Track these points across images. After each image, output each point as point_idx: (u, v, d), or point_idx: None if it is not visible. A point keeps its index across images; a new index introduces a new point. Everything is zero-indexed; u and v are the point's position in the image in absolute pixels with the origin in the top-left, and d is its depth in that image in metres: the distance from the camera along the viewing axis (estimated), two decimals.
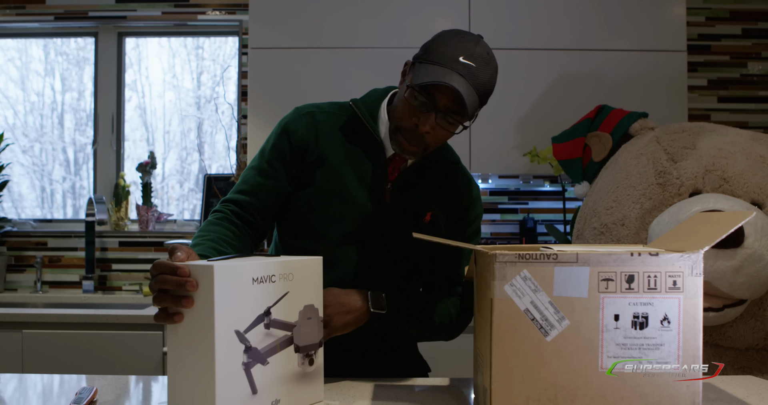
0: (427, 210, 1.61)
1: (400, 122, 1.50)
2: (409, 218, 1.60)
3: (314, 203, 1.57)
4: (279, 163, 1.58)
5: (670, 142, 1.98)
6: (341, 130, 1.60)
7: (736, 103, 3.63)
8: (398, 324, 1.51)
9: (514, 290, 1.07)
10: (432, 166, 1.63)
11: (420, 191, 1.61)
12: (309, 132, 1.58)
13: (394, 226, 1.59)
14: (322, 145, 1.57)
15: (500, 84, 3.14)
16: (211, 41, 3.89)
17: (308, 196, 1.58)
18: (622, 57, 3.14)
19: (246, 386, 1.15)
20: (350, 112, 1.62)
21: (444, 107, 1.44)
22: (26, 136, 3.89)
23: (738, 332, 1.79)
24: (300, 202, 1.59)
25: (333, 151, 1.57)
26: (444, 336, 1.62)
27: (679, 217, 1.72)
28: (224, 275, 1.11)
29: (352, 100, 1.63)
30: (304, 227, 1.59)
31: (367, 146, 1.59)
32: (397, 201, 1.59)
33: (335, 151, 1.57)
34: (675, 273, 1.07)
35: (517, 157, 3.14)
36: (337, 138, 1.59)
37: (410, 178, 1.61)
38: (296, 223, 1.61)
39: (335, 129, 1.60)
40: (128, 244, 3.64)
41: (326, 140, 1.58)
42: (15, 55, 3.90)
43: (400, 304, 1.51)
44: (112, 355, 2.79)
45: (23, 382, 1.47)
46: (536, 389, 1.08)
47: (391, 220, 1.59)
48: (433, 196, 1.63)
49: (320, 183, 1.56)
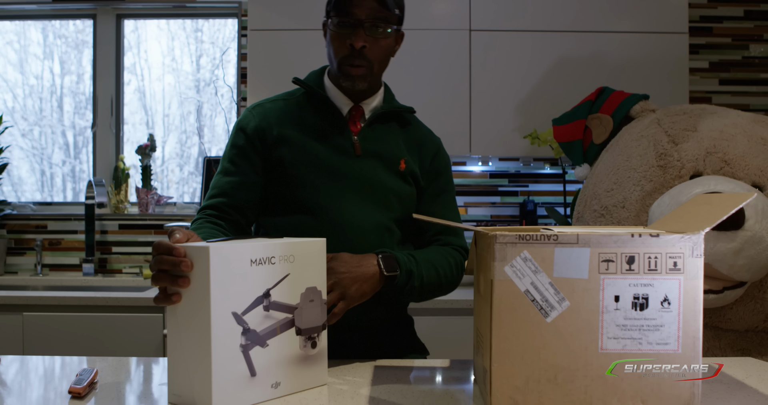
0: (399, 157, 1.66)
1: (337, 55, 1.59)
2: (384, 167, 1.64)
3: (290, 179, 1.60)
4: (240, 159, 1.63)
5: (671, 125, 1.98)
6: (295, 108, 1.67)
7: (737, 85, 3.62)
8: (409, 285, 1.51)
9: (515, 271, 1.07)
10: (391, 114, 1.71)
11: (387, 140, 1.67)
12: (261, 120, 1.64)
13: (373, 177, 1.62)
14: (277, 126, 1.63)
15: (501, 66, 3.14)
16: (210, 24, 3.87)
17: (282, 175, 1.61)
18: (623, 39, 3.13)
19: (244, 368, 1.15)
20: (298, 92, 1.71)
21: (366, 17, 1.54)
22: (25, 119, 3.88)
23: (737, 314, 1.79)
24: (276, 183, 1.62)
25: (291, 127, 1.63)
26: (447, 289, 1.64)
27: (680, 200, 1.72)
28: (221, 256, 1.11)
29: (294, 78, 1.70)
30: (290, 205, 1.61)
31: (324, 112, 1.66)
32: (369, 152, 1.64)
33: (293, 126, 1.63)
34: (675, 254, 1.07)
35: (518, 139, 3.13)
36: (292, 116, 1.65)
37: (374, 129, 1.67)
38: (280, 204, 1.63)
39: (288, 110, 1.67)
40: (128, 227, 3.64)
41: (281, 121, 1.64)
42: (13, 38, 3.88)
43: (409, 263, 1.52)
44: (113, 338, 2.80)
45: (24, 364, 1.48)
46: (536, 370, 1.08)
47: (368, 171, 1.62)
48: (399, 144, 1.69)
49: (288, 158, 1.60)
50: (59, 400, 1.20)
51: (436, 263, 1.59)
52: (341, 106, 1.66)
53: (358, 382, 1.32)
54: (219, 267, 1.11)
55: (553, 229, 1.17)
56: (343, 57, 1.57)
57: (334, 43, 1.58)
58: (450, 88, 3.13)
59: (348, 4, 1.53)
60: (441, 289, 1.62)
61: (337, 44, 1.58)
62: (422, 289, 1.55)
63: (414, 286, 1.52)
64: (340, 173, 1.60)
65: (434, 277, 1.57)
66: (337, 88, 1.66)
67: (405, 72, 3.07)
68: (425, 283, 1.55)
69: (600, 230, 1.16)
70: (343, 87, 1.64)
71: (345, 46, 1.56)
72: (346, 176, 1.60)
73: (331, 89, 1.67)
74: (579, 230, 1.15)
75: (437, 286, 1.60)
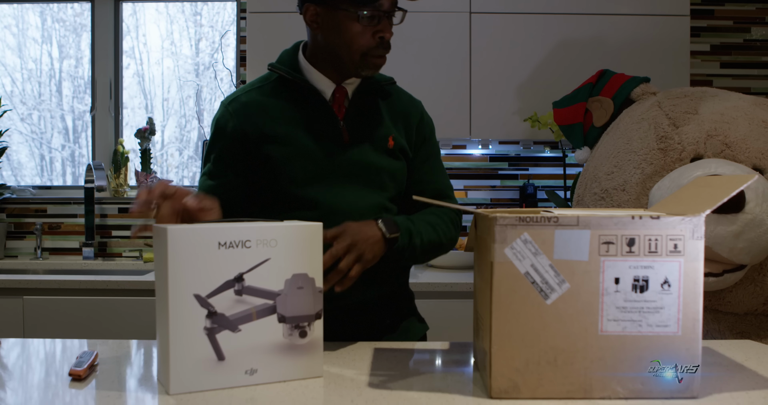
0: (387, 134, 1.65)
1: (363, 47, 1.54)
2: (374, 148, 1.63)
3: (280, 175, 1.58)
4: (220, 162, 1.62)
5: (671, 107, 1.97)
6: (273, 97, 1.63)
7: (738, 68, 3.61)
8: (410, 245, 1.52)
9: (515, 253, 1.07)
10: (372, 90, 1.68)
11: (373, 119, 1.65)
12: (238, 119, 1.60)
13: (364, 161, 1.61)
14: (259, 124, 1.59)
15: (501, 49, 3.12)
16: (209, 7, 3.85)
17: (272, 172, 1.59)
18: (624, 21, 3.11)
19: (210, 351, 1.15)
20: (274, 76, 1.66)
21: (388, 9, 1.53)
22: (24, 103, 3.87)
23: (737, 297, 1.79)
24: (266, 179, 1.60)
25: (273, 122, 1.59)
26: (447, 247, 1.65)
27: (680, 182, 1.72)
28: (180, 239, 1.11)
29: (269, 64, 1.67)
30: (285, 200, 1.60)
31: (305, 98, 1.62)
32: (356, 136, 1.62)
33: (276, 121, 1.59)
34: (676, 236, 1.07)
35: (518, 122, 3.12)
36: (272, 109, 1.61)
37: (359, 110, 1.65)
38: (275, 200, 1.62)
39: (267, 100, 1.62)
40: (128, 211, 3.64)
41: (262, 118, 1.60)
42: (11, 22, 3.87)
43: (407, 224, 1.53)
44: (113, 321, 2.80)
45: (25, 347, 1.48)
46: (536, 352, 1.08)
47: (358, 156, 1.61)
48: (384, 119, 1.67)
49: (276, 155, 1.58)
50: (60, 382, 1.21)
51: (434, 223, 1.60)
52: (324, 89, 1.62)
53: (356, 365, 1.32)
54: (178, 249, 1.11)
55: (553, 212, 1.17)
56: (370, 48, 1.54)
57: (358, 33, 1.53)
58: (450, 70, 3.12)
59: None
60: (441, 248, 1.63)
61: (362, 35, 1.53)
62: (423, 248, 1.56)
63: (415, 246, 1.53)
64: (330, 162, 1.59)
65: (433, 235, 1.58)
66: (319, 71, 1.62)
67: (405, 55, 3.05)
68: (425, 241, 1.55)
69: (600, 212, 1.16)
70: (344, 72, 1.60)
71: (371, 38, 1.53)
72: (337, 164, 1.59)
73: (311, 72, 1.62)
74: (579, 212, 1.14)
75: (437, 245, 1.61)
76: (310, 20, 1.59)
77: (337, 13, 1.52)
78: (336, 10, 1.53)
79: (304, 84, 1.61)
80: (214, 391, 1.15)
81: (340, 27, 1.54)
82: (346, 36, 1.54)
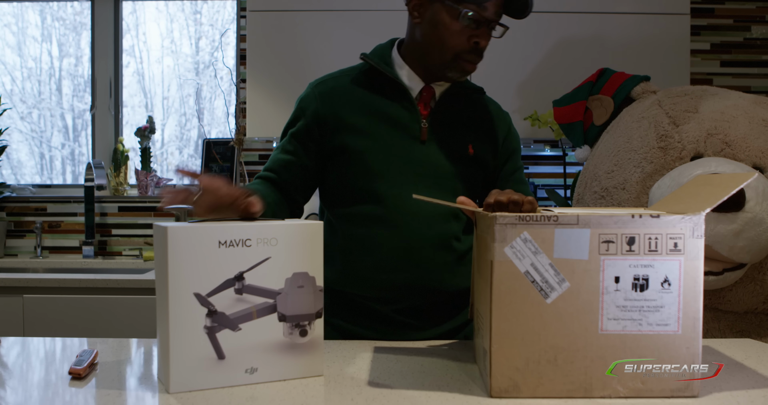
0: (467, 142, 1.64)
1: (457, 47, 1.54)
2: (451, 153, 1.62)
3: (353, 166, 1.58)
4: (296, 140, 1.62)
5: (672, 106, 1.97)
6: (360, 86, 1.63)
7: (739, 67, 3.60)
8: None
9: (515, 252, 1.07)
10: (460, 97, 1.68)
11: (455, 124, 1.65)
12: (323, 103, 1.60)
13: (438, 163, 1.60)
14: (341, 112, 1.59)
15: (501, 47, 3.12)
16: (209, 5, 3.85)
17: (345, 162, 1.59)
18: (625, 20, 3.11)
19: (210, 350, 1.15)
20: (364, 67, 1.65)
21: (491, 17, 1.53)
22: (24, 102, 3.87)
23: (737, 296, 1.79)
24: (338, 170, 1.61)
25: (356, 112, 1.60)
26: None
27: (681, 181, 1.72)
28: (181, 237, 1.11)
29: (361, 54, 1.65)
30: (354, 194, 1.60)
31: (391, 93, 1.62)
32: (435, 138, 1.61)
33: (359, 111, 1.60)
34: (676, 235, 1.07)
35: (518, 121, 3.12)
36: (358, 96, 1.61)
37: (443, 113, 1.64)
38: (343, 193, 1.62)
39: (353, 88, 1.63)
40: (128, 209, 3.64)
41: (345, 106, 1.60)
42: (11, 20, 3.86)
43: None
44: (113, 319, 2.80)
45: (25, 345, 1.48)
46: (536, 351, 1.08)
47: (434, 158, 1.61)
48: (469, 128, 1.66)
49: (352, 146, 1.58)
50: (60, 381, 1.21)
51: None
52: (412, 87, 1.62)
53: (357, 364, 1.32)
54: (179, 248, 1.11)
55: (553, 210, 1.17)
56: (464, 51, 1.55)
57: (455, 32, 1.53)
58: None
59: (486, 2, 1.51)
60: None
61: (458, 35, 1.53)
62: None
63: None
64: (406, 160, 1.58)
65: None
66: (412, 68, 1.63)
67: None
68: None
69: (600, 211, 1.16)
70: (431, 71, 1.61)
71: (467, 42, 1.54)
72: (412, 163, 1.58)
73: (402, 67, 1.63)
74: (579, 211, 1.14)
75: None
76: (412, 8, 1.59)
77: (441, 6, 1.52)
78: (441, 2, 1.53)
79: (392, 78, 1.61)
80: (215, 390, 1.15)
81: (439, 21, 1.53)
82: (443, 32, 1.54)
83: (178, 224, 1.13)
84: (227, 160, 3.63)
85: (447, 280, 1.62)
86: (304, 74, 3.02)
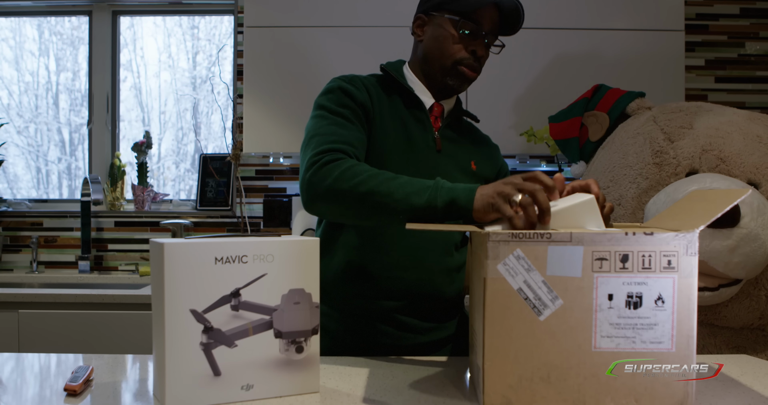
0: (470, 158, 1.72)
1: (456, 55, 1.63)
2: (459, 166, 1.69)
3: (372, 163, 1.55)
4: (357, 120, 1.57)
5: (667, 122, 1.98)
6: (383, 90, 1.69)
7: (733, 83, 3.62)
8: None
9: (508, 269, 1.07)
10: (461, 117, 1.80)
11: (461, 140, 1.74)
12: (362, 92, 1.63)
13: (448, 174, 1.62)
14: (375, 104, 1.63)
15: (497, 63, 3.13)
16: (206, 20, 3.87)
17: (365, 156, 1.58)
18: (620, 36, 3.12)
19: (206, 367, 1.14)
20: (382, 76, 1.73)
21: (489, 30, 1.63)
22: (21, 116, 3.88)
23: (733, 312, 1.79)
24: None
25: (383, 109, 1.64)
26: None
27: (676, 197, 1.72)
28: (177, 254, 1.11)
29: (382, 64, 1.74)
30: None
31: (408, 103, 1.69)
32: (447, 149, 1.69)
33: (385, 109, 1.65)
34: (670, 252, 1.07)
35: (514, 136, 3.13)
36: (382, 98, 1.66)
37: (451, 127, 1.74)
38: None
39: (379, 90, 1.68)
40: (124, 224, 3.64)
41: (376, 100, 1.64)
42: (9, 34, 3.87)
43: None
44: (109, 335, 2.79)
45: (20, 361, 1.48)
46: (529, 368, 1.08)
47: (445, 167, 1.66)
48: (471, 147, 1.76)
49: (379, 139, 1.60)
50: (55, 397, 1.20)
51: None
52: (425, 100, 1.70)
53: (352, 381, 1.31)
54: (175, 264, 1.11)
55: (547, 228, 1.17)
56: (463, 58, 1.63)
57: (453, 44, 1.63)
58: None
59: (479, 14, 1.61)
60: None
61: (455, 46, 1.63)
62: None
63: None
64: (420, 166, 1.62)
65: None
66: (422, 83, 1.71)
67: None
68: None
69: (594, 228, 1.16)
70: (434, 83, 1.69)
71: (465, 50, 1.63)
72: (425, 170, 1.60)
73: (415, 83, 1.72)
74: (572, 228, 1.14)
75: None
76: (416, 27, 1.72)
77: (441, 20, 1.64)
78: (440, 16, 1.64)
79: (409, 89, 1.68)
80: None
81: (439, 34, 1.65)
82: (442, 42, 1.64)
83: (174, 240, 1.14)
84: (224, 176, 3.63)
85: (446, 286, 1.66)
86: (301, 90, 3.03)
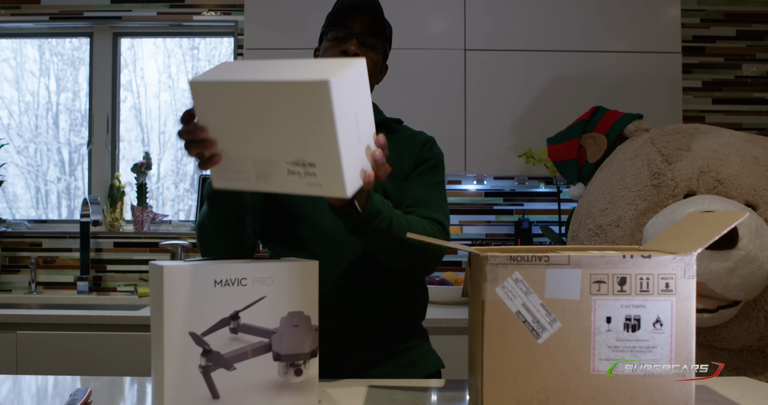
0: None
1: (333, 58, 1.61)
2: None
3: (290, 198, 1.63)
4: None
5: (664, 144, 1.98)
6: None
7: (730, 104, 3.64)
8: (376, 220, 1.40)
9: (506, 292, 1.07)
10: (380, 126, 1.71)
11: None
12: None
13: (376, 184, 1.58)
14: None
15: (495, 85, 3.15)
16: (206, 42, 3.89)
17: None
18: (617, 58, 3.14)
19: (205, 390, 1.14)
20: None
21: (361, 31, 1.62)
22: (21, 136, 3.89)
23: (732, 333, 1.79)
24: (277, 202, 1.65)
25: None
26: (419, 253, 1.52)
27: (674, 219, 1.72)
28: (176, 276, 1.11)
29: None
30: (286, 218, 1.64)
31: None
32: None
33: None
34: (667, 275, 1.07)
35: (512, 158, 3.14)
36: None
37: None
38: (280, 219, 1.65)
39: None
40: (123, 245, 3.64)
41: None
42: (10, 55, 3.89)
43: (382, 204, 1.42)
44: (107, 357, 2.78)
45: (17, 383, 1.47)
46: (528, 391, 1.08)
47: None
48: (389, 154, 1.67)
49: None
50: None
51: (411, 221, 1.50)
52: None
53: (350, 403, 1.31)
54: (174, 287, 1.11)
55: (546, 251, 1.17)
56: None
57: (327, 53, 1.63)
58: (445, 106, 3.14)
59: (344, 18, 1.61)
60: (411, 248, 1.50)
61: (330, 54, 1.63)
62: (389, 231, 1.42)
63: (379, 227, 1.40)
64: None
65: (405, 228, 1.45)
66: None
67: (401, 91, 3.08)
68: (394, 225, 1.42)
69: (592, 251, 1.16)
70: None
71: (339, 54, 1.62)
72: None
73: None
74: (570, 252, 1.15)
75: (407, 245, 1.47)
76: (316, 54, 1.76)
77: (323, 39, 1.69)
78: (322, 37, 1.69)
79: None
80: None
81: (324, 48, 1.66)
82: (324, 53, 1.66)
83: (173, 263, 1.14)
84: None
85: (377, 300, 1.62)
86: None
